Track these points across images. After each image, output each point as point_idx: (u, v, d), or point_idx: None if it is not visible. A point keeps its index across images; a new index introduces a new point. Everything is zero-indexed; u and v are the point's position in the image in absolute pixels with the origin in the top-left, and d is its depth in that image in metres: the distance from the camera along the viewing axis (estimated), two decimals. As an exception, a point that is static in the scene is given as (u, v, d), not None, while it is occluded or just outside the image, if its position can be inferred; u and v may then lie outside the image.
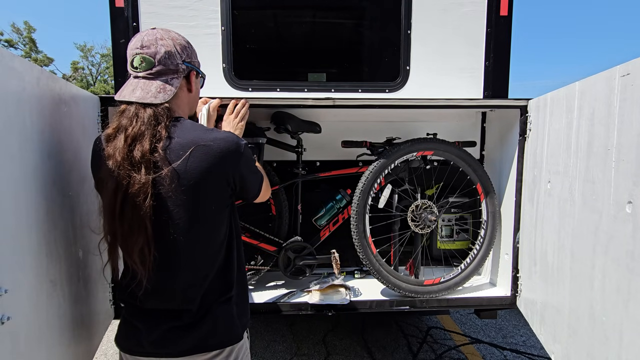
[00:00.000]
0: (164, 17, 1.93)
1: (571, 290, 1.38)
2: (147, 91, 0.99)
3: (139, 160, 0.92)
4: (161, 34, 1.04)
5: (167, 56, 1.02)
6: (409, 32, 2.04)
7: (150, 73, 1.01)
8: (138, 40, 1.03)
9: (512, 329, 3.28)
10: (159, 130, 0.96)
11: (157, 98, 0.99)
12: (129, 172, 0.91)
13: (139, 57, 1.01)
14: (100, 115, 1.52)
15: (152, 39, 1.02)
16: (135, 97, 0.98)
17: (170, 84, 1.03)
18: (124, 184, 0.92)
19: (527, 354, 2.86)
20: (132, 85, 1.02)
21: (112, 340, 3.44)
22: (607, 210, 1.17)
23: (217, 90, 1.99)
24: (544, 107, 1.61)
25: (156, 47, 1.01)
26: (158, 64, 1.01)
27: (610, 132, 1.16)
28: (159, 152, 0.93)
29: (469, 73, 2.08)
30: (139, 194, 0.91)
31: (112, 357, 2.87)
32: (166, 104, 1.00)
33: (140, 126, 0.95)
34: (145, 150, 0.92)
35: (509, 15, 2.03)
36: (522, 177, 1.81)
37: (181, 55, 1.06)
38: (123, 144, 0.93)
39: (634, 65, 1.07)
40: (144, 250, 0.94)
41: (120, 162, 0.92)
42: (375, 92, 2.09)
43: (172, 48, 1.04)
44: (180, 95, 1.07)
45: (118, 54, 1.94)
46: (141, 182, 0.91)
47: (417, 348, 2.88)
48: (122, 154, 0.92)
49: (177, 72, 1.05)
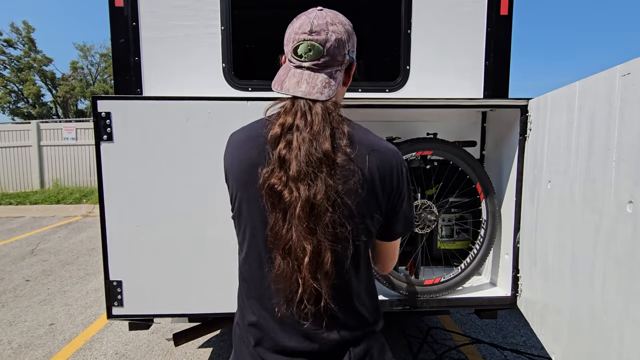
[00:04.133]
0: (164, 16, 1.93)
1: (571, 290, 1.38)
2: (312, 85, 0.85)
3: (320, 161, 0.79)
4: (331, 17, 0.87)
5: (336, 45, 0.86)
6: (409, 32, 2.04)
7: (316, 64, 0.86)
8: (306, 23, 0.86)
9: (512, 329, 3.28)
10: (340, 126, 0.84)
11: (323, 94, 0.85)
12: (312, 175, 0.79)
13: (307, 44, 0.85)
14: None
15: (323, 23, 0.85)
16: (300, 92, 0.84)
17: (334, 78, 0.88)
18: (308, 191, 0.79)
19: (528, 354, 2.85)
20: (295, 76, 0.86)
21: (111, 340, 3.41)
22: (607, 210, 1.17)
23: (216, 90, 1.99)
24: (544, 106, 1.61)
25: (327, 34, 0.85)
26: (326, 54, 0.86)
27: (611, 131, 1.16)
28: (343, 150, 0.81)
29: (469, 73, 2.08)
30: (323, 200, 0.79)
31: (112, 357, 2.87)
32: (333, 99, 0.87)
33: (320, 122, 0.82)
34: (327, 149, 0.80)
35: (509, 15, 2.02)
36: (522, 177, 1.81)
37: (348, 45, 0.89)
38: (303, 144, 0.80)
39: (634, 65, 1.07)
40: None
41: (304, 166, 0.79)
42: (375, 91, 2.09)
43: (343, 35, 0.87)
44: (339, 90, 0.92)
45: (117, 54, 1.94)
46: (325, 186, 0.79)
47: (417, 348, 2.87)
48: (304, 156, 0.79)
49: (342, 63, 0.90)
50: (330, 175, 0.80)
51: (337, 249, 0.82)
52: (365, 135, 0.89)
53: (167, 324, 3.35)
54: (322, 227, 0.79)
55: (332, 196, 0.79)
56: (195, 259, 1.71)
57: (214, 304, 1.73)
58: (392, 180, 0.88)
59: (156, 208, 1.67)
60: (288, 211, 0.80)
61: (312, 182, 0.79)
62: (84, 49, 24.27)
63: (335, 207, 0.80)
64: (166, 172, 1.66)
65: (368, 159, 0.84)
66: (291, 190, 0.79)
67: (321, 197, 0.78)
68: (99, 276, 4.54)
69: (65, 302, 3.85)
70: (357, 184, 0.82)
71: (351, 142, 0.83)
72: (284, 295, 0.84)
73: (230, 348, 2.98)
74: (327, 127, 0.82)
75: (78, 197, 9.20)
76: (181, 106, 1.64)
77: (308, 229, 0.79)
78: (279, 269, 0.82)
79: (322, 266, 0.80)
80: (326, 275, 0.81)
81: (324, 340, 0.88)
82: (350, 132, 0.85)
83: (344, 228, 0.82)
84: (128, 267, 1.70)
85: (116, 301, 1.71)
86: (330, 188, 0.79)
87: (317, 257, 0.80)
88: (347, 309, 0.90)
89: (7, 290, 4.19)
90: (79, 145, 10.35)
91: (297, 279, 0.81)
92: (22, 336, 3.20)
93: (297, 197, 0.78)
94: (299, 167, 0.79)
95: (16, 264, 5.05)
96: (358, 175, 0.82)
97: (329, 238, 0.80)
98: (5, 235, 6.63)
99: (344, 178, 0.81)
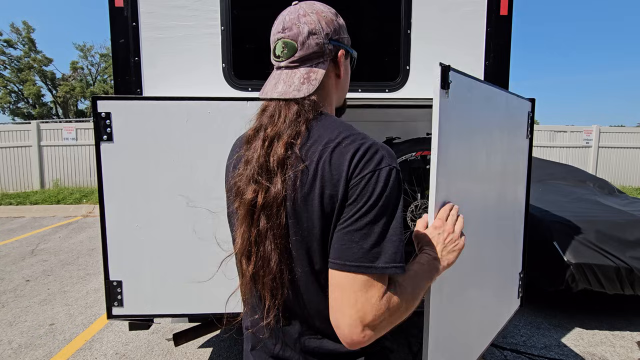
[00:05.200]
0: (164, 16, 1.93)
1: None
2: (289, 84, 0.82)
3: (276, 165, 0.76)
4: (304, 9, 0.84)
5: (309, 36, 0.82)
6: (409, 32, 2.04)
7: (292, 61, 0.83)
8: (279, 21, 0.85)
9: (512, 329, 3.28)
10: (300, 127, 0.78)
11: (301, 91, 0.81)
12: (266, 179, 0.76)
13: (281, 42, 0.83)
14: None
15: (294, 18, 0.83)
16: (277, 93, 0.82)
17: (315, 72, 0.83)
18: (262, 192, 0.76)
19: (527, 354, 2.85)
20: (274, 78, 0.86)
21: (111, 340, 3.41)
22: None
23: (216, 90, 1.99)
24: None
25: (298, 27, 0.82)
26: (300, 48, 0.82)
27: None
28: (295, 152, 0.76)
29: (469, 73, 2.08)
30: (272, 205, 0.75)
31: (112, 357, 2.87)
32: (313, 97, 0.82)
33: (281, 125, 0.79)
34: (281, 153, 0.76)
35: (509, 15, 2.02)
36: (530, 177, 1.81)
37: (327, 33, 0.84)
38: (260, 147, 0.78)
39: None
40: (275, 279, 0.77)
41: (258, 168, 0.77)
42: (375, 91, 2.09)
43: (317, 25, 0.83)
44: (326, 83, 0.87)
45: (117, 54, 1.94)
46: (275, 189, 0.75)
47: (417, 348, 2.87)
48: (259, 159, 0.77)
49: (322, 54, 0.84)
50: (282, 177, 0.75)
51: (290, 255, 0.77)
52: (327, 133, 0.78)
53: (167, 324, 3.35)
54: (271, 232, 0.75)
55: (280, 199, 0.75)
56: (195, 259, 1.70)
57: (214, 304, 1.73)
58: (347, 175, 0.72)
59: (156, 208, 1.67)
60: (242, 213, 0.79)
61: (265, 184, 0.76)
62: (84, 49, 24.28)
63: (285, 211, 0.75)
64: (166, 172, 1.66)
65: (322, 159, 0.74)
66: (246, 192, 0.78)
67: (270, 199, 0.75)
68: (99, 276, 4.54)
69: (66, 302, 3.85)
70: (307, 186, 0.74)
71: (306, 142, 0.77)
72: (245, 300, 0.82)
73: (229, 348, 2.99)
74: (289, 128, 0.78)
75: (78, 197, 9.21)
76: (181, 106, 1.64)
77: (258, 233, 0.76)
78: (243, 274, 0.80)
79: (269, 272, 0.75)
80: (274, 281, 0.76)
81: (304, 347, 0.82)
82: (313, 131, 0.79)
83: (297, 234, 0.76)
84: (128, 267, 1.70)
85: (116, 301, 1.71)
86: (278, 190, 0.75)
87: (267, 265, 0.75)
88: (316, 318, 0.81)
89: (7, 290, 4.19)
90: (79, 146, 10.35)
91: (252, 284, 0.79)
92: (22, 336, 3.20)
93: (248, 199, 0.77)
94: (254, 169, 0.77)
95: (16, 264, 5.05)
96: (306, 176, 0.74)
97: (277, 243, 0.75)
98: (5, 235, 6.63)
99: (294, 180, 0.75)
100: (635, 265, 3.14)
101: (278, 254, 0.75)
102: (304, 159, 0.75)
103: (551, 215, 3.70)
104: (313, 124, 0.80)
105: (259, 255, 0.76)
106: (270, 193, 0.75)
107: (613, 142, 10.95)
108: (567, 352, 2.91)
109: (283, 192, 0.75)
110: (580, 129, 10.86)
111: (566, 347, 2.98)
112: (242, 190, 0.79)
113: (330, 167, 0.73)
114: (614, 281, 3.16)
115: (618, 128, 11.62)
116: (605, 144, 10.92)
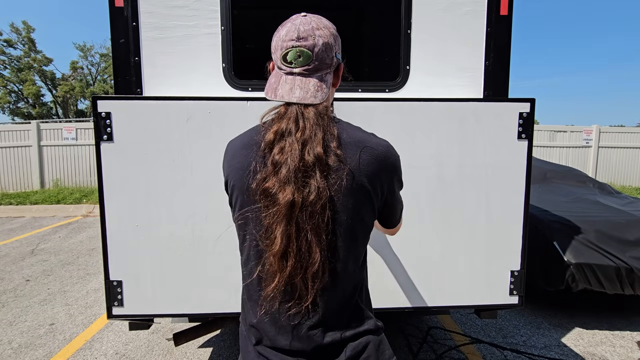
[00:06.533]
0: (164, 16, 1.93)
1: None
2: (306, 90, 0.88)
3: (316, 165, 0.82)
4: (316, 22, 0.91)
5: (324, 49, 0.89)
6: (409, 32, 2.04)
7: (307, 69, 0.89)
8: (292, 29, 0.89)
9: (512, 329, 3.28)
10: (331, 129, 0.87)
11: (317, 97, 0.88)
12: (304, 178, 0.82)
13: (296, 50, 0.88)
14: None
15: (309, 29, 0.88)
16: (295, 98, 0.87)
17: (325, 81, 0.91)
18: (300, 193, 0.82)
19: (528, 354, 2.86)
20: (287, 83, 0.89)
21: (111, 340, 3.41)
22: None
23: (216, 90, 1.99)
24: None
25: (314, 39, 0.88)
26: (315, 59, 0.89)
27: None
28: (333, 151, 0.84)
29: (469, 73, 2.08)
30: (315, 201, 0.81)
31: (112, 357, 2.87)
32: (325, 103, 0.91)
33: (311, 128, 0.85)
34: (319, 152, 0.83)
35: (509, 15, 2.02)
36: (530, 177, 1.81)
37: (334, 48, 0.92)
38: (295, 149, 0.83)
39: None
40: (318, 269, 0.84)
41: (294, 169, 0.81)
42: (375, 91, 2.09)
43: (329, 39, 0.90)
44: (330, 91, 0.94)
45: (117, 54, 1.94)
46: (318, 188, 0.81)
47: (417, 348, 2.87)
48: (296, 160, 0.82)
49: (330, 66, 0.92)
50: (323, 177, 0.83)
51: (330, 248, 0.85)
52: (354, 133, 0.91)
53: (167, 324, 3.35)
54: (313, 228, 0.82)
55: (325, 197, 0.82)
56: (195, 259, 1.71)
57: (214, 304, 1.73)
58: (384, 174, 0.91)
59: (156, 208, 1.67)
60: (280, 213, 0.82)
61: (304, 184, 0.82)
62: (84, 49, 24.29)
63: (328, 208, 0.83)
64: (166, 172, 1.66)
65: (360, 157, 0.87)
66: (283, 194, 0.81)
67: (313, 198, 0.81)
68: (99, 276, 4.54)
69: (66, 302, 3.86)
70: (350, 183, 0.85)
71: (341, 143, 0.87)
72: (273, 296, 0.86)
73: (229, 348, 2.99)
74: (319, 131, 0.85)
75: (78, 197, 9.20)
76: (181, 106, 1.64)
77: (299, 230, 0.82)
78: (271, 269, 0.85)
79: (312, 266, 0.83)
80: (315, 276, 0.84)
81: (318, 339, 0.90)
82: (340, 133, 0.89)
83: (338, 228, 0.86)
84: (128, 267, 1.70)
85: (116, 301, 1.71)
86: (322, 190, 0.82)
87: (308, 258, 0.83)
88: (341, 306, 0.92)
89: (8, 290, 4.19)
90: (79, 145, 10.35)
91: (288, 280, 0.84)
92: (22, 336, 3.20)
93: (288, 200, 0.81)
94: (290, 171, 0.82)
95: (16, 264, 5.05)
96: (350, 174, 0.85)
97: (320, 238, 0.83)
98: (5, 235, 6.63)
99: (337, 179, 0.84)
100: (635, 265, 3.14)
101: (320, 249, 0.83)
102: (342, 159, 0.85)
103: (551, 215, 3.70)
104: (337, 126, 0.89)
105: (301, 252, 0.83)
106: (312, 192, 0.82)
107: (613, 142, 10.96)
108: (567, 352, 2.91)
109: (327, 190, 0.83)
110: (580, 128, 10.87)
111: (566, 347, 2.98)
112: (276, 192, 0.82)
113: (368, 165, 0.88)
114: (614, 281, 3.16)
115: (618, 128, 11.63)
116: (605, 144, 10.93)
